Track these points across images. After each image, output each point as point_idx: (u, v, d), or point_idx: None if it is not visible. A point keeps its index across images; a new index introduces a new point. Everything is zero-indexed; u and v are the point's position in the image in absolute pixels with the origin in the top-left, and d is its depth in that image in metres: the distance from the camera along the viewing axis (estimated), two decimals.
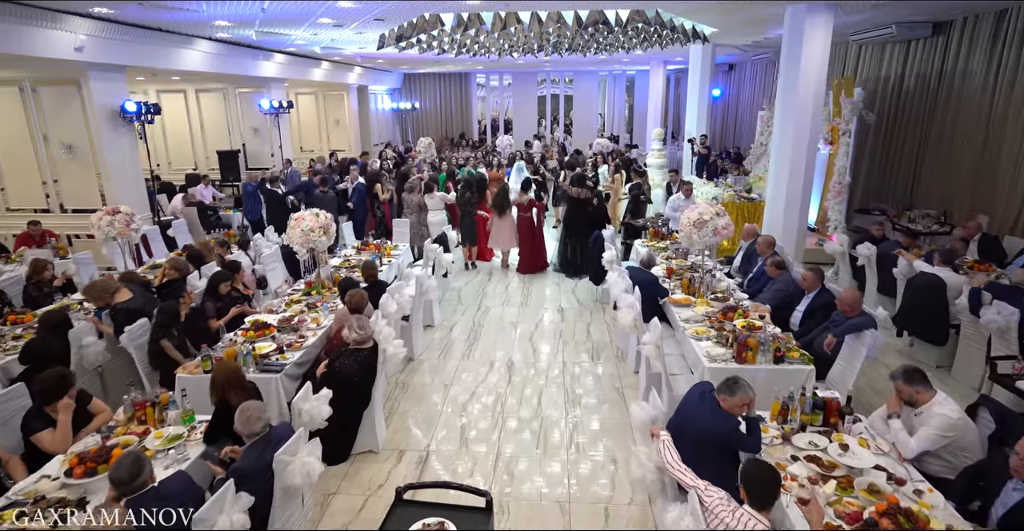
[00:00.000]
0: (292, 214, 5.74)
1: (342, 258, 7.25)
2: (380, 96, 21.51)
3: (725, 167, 14.48)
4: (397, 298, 5.32)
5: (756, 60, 16.21)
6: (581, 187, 8.69)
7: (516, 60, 16.05)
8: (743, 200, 9.42)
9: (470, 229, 9.06)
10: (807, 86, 7.36)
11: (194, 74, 10.84)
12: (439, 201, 9.18)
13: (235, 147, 13.58)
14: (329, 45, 11.32)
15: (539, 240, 8.96)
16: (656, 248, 7.43)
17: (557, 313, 7.33)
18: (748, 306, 5.35)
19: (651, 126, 18.20)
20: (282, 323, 4.95)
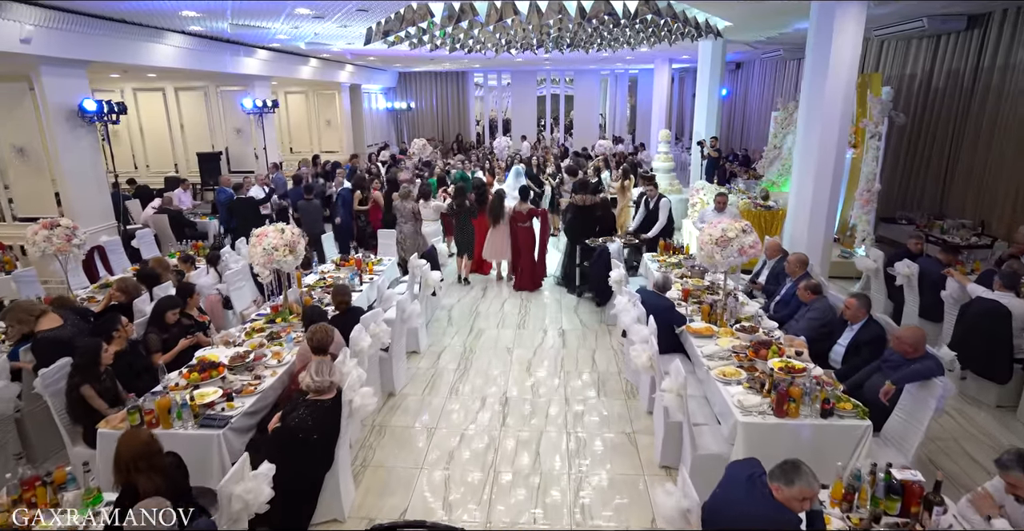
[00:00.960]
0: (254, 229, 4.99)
1: (318, 275, 6.50)
2: (374, 95, 20.77)
3: (734, 170, 13.74)
4: (373, 329, 4.58)
5: (766, 58, 15.48)
6: (585, 193, 7.96)
7: (515, 58, 15.33)
8: (759, 208, 8.68)
9: (467, 240, 8.31)
10: (835, 86, 6.62)
11: (168, 71, 10.09)
12: (433, 211, 8.43)
13: (217, 149, 12.83)
14: (314, 40, 10.58)
15: (541, 255, 8.21)
16: (667, 264, 6.68)
17: (558, 336, 6.59)
18: (781, 339, 4.61)
19: (655, 127, 17.47)
20: (235, 361, 4.20)
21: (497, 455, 4.38)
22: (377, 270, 6.74)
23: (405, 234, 8.46)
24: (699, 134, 12.04)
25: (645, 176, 8.96)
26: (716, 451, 3.70)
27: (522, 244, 8.09)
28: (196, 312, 5.01)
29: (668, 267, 6.58)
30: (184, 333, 4.65)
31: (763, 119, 16.37)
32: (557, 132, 25.49)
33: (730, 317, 5.02)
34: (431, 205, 8.32)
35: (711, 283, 5.94)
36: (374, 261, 7.03)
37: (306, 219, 8.32)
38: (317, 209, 8.35)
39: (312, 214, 8.27)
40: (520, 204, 8.06)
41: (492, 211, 8.07)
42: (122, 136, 13.04)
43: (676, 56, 16.09)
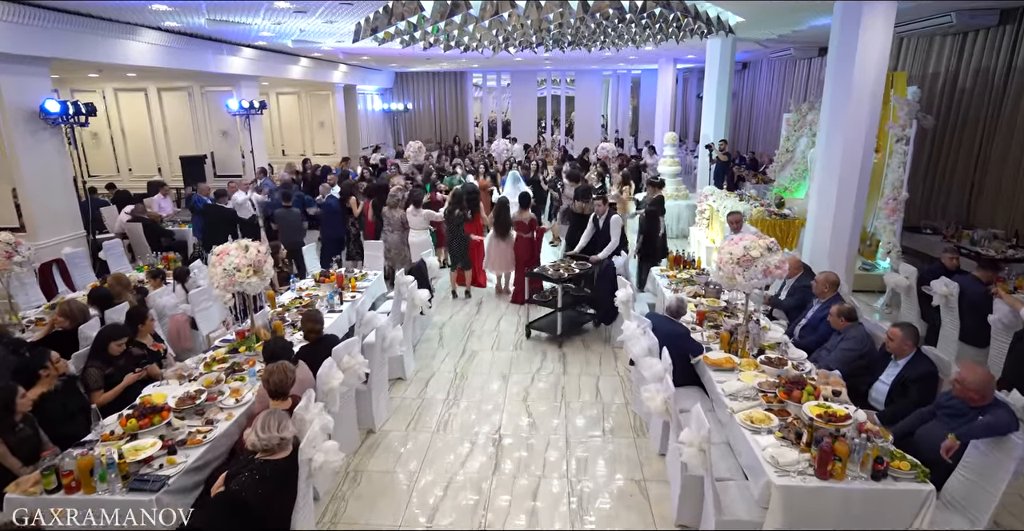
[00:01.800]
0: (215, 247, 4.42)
1: (295, 293, 5.93)
2: (370, 96, 20.23)
3: (741, 174, 13.18)
4: (347, 362, 4.00)
5: (774, 58, 14.92)
6: (587, 201, 7.39)
7: (514, 57, 14.77)
8: (774, 217, 8.11)
9: (462, 250, 7.74)
10: (862, 86, 6.05)
11: (144, 70, 9.53)
12: (423, 219, 7.85)
13: (202, 152, 12.27)
14: (301, 38, 10.03)
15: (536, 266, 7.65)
16: (678, 280, 6.10)
17: (558, 360, 6.01)
18: (812, 373, 4.03)
19: (659, 129, 16.91)
20: (183, 403, 3.62)
21: (488, 512, 3.79)
22: (361, 287, 6.16)
23: (390, 244, 7.90)
24: (707, 137, 11.46)
25: (653, 182, 8.38)
26: (745, 518, 3.12)
27: (521, 255, 7.52)
28: (150, 340, 4.44)
29: (680, 284, 6.00)
30: (132, 366, 4.08)
31: (771, 121, 15.82)
32: (558, 134, 24.93)
33: (752, 346, 4.44)
34: (422, 213, 7.74)
35: (728, 303, 5.36)
36: (358, 276, 6.45)
37: (284, 229, 7.74)
38: (296, 218, 7.76)
39: (291, 223, 7.70)
40: (521, 213, 7.49)
41: (499, 221, 7.50)
42: (103, 138, 12.51)
43: (681, 56, 15.53)
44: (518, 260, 7.53)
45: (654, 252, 7.74)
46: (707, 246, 9.02)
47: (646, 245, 7.76)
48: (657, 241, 7.76)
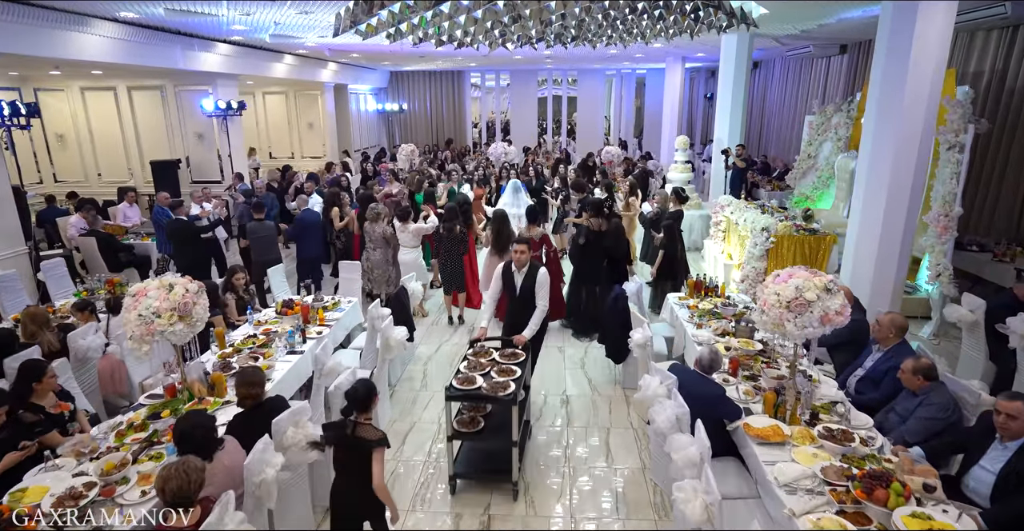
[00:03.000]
0: (134, 284, 3.54)
1: (252, 328, 5.04)
2: (363, 96, 19.34)
3: (755, 180, 12.30)
4: (292, 438, 3.12)
5: (790, 56, 14.03)
6: (598, 216, 6.51)
7: (513, 55, 13.90)
8: (802, 232, 7.22)
9: (457, 273, 6.86)
10: (918, 87, 5.17)
11: (104, 66, 8.65)
12: (413, 235, 6.95)
13: (176, 156, 11.39)
14: (279, 33, 9.15)
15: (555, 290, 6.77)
16: (701, 313, 5.21)
17: (560, 405, 5.13)
18: (886, 451, 3.16)
19: (666, 131, 16.05)
20: (63, 502, 2.73)
21: None
22: (331, 319, 5.27)
23: (373, 263, 7.02)
24: (720, 141, 10.58)
25: (679, 194, 7.47)
26: None
27: None
28: (53, 399, 3.56)
29: (703, 317, 5.11)
30: (21, 437, 3.20)
31: (785, 124, 14.94)
32: (559, 136, 24.04)
33: (804, 409, 3.56)
34: (411, 228, 6.85)
35: (764, 345, 4.48)
36: (329, 304, 5.57)
37: (256, 244, 6.87)
38: (270, 232, 6.86)
39: (264, 238, 6.82)
40: (529, 228, 6.60)
41: (498, 238, 6.63)
42: (69, 140, 11.63)
43: (690, 54, 14.65)
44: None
45: (674, 272, 6.87)
46: (724, 263, 8.14)
47: (665, 265, 6.87)
48: (677, 260, 6.89)
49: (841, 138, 9.16)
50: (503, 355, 4.26)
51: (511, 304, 4.75)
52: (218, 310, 5.05)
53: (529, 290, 4.60)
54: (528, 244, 4.72)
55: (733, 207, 8.59)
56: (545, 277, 4.59)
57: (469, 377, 3.90)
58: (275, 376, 4.22)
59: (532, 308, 4.56)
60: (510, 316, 4.79)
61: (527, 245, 4.69)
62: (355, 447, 2.89)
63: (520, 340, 4.37)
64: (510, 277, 4.71)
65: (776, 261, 7.22)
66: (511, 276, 4.70)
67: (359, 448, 2.87)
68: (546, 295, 4.56)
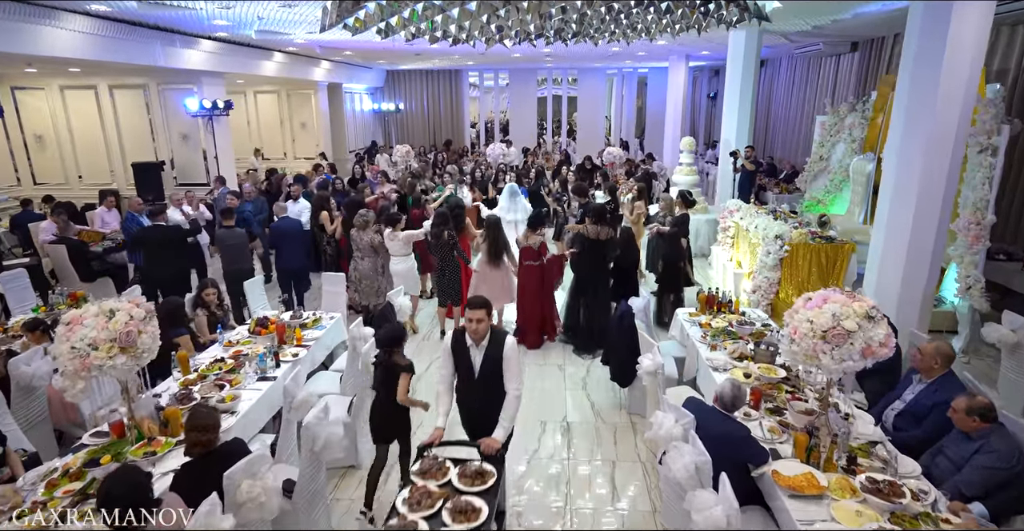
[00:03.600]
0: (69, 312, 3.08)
1: (222, 349, 4.59)
2: (358, 96, 18.89)
3: (762, 183, 11.87)
4: (246, 492, 2.66)
5: (798, 54, 13.57)
6: (602, 224, 6.07)
7: (511, 52, 13.45)
8: (818, 240, 6.76)
9: (454, 283, 6.41)
10: (952, 86, 4.71)
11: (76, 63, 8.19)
12: (404, 243, 6.47)
13: (160, 158, 10.93)
14: (265, 29, 8.70)
15: (548, 302, 6.33)
16: (714, 332, 4.76)
17: (560, 434, 4.68)
18: (941, 506, 2.71)
19: (670, 132, 15.57)
20: None
21: None
22: (310, 339, 4.82)
23: (361, 273, 6.57)
24: (727, 142, 10.13)
25: (686, 197, 7.03)
26: None
27: (526, 288, 6.21)
28: None
29: (717, 337, 4.66)
30: None
31: (792, 124, 14.50)
32: (559, 136, 23.58)
33: (840, 453, 3.11)
34: (400, 236, 6.38)
35: (788, 372, 4.02)
36: (309, 321, 5.11)
37: (225, 253, 6.40)
38: (240, 240, 6.38)
39: (233, 247, 6.34)
40: (529, 235, 6.15)
41: (491, 245, 6.19)
42: (48, 141, 11.17)
43: (695, 52, 14.20)
44: (524, 291, 6.22)
45: (676, 282, 6.42)
46: (734, 272, 7.69)
47: (667, 273, 6.43)
48: (680, 269, 6.45)
49: (855, 139, 8.71)
50: (464, 476, 2.85)
51: (467, 389, 3.44)
52: (184, 329, 4.60)
53: (493, 369, 3.31)
54: (487, 309, 3.38)
55: (743, 212, 8.13)
56: (513, 349, 3.34)
57: (408, 524, 2.52)
58: (242, 407, 3.77)
59: (497, 394, 3.31)
60: (468, 401, 3.51)
61: (486, 311, 3.35)
62: (390, 370, 3.59)
63: (491, 447, 3.09)
64: (464, 353, 3.35)
65: (791, 271, 6.77)
66: (464, 352, 3.35)
67: (393, 371, 3.58)
68: (518, 375, 3.32)
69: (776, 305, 6.88)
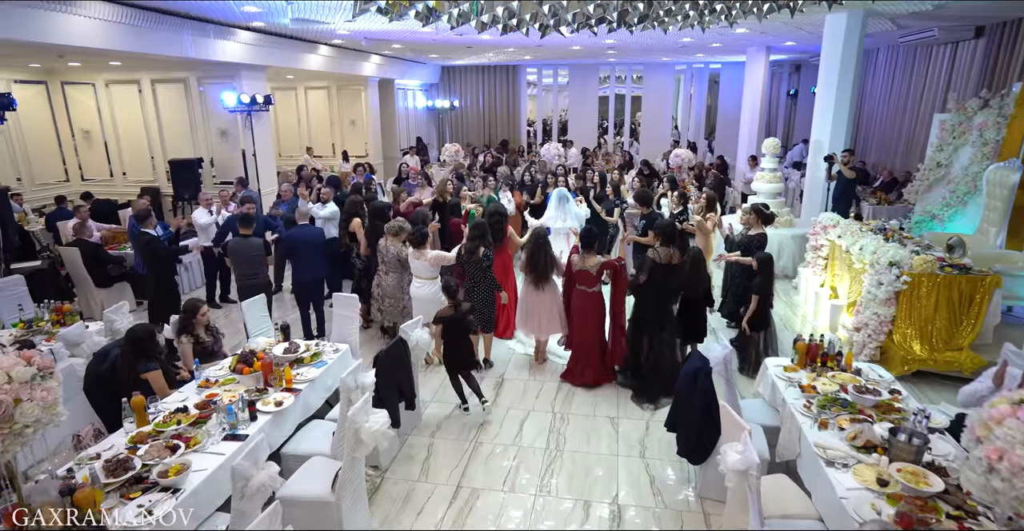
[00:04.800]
0: None
1: (196, 392, 3.77)
2: (411, 92, 18.23)
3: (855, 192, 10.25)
4: None
5: (902, 43, 11.78)
6: (670, 245, 4.94)
7: (571, 45, 12.36)
8: (950, 270, 5.34)
9: (481, 305, 5.42)
10: None
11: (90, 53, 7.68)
12: (431, 264, 5.50)
13: (199, 154, 10.50)
14: (300, 16, 7.99)
15: (616, 333, 5.25)
16: (822, 402, 3.55)
17: (609, 519, 3.60)
18: None
19: (745, 133, 14.07)
20: None
21: None
22: (303, 380, 3.93)
23: (384, 289, 5.70)
24: (820, 145, 8.66)
25: (760, 211, 5.78)
26: None
27: (581, 318, 5.17)
28: None
29: (826, 408, 3.45)
30: None
31: (891, 125, 12.68)
32: (621, 136, 22.23)
33: None
34: (428, 255, 5.42)
35: (941, 473, 2.79)
36: (308, 355, 4.24)
37: (237, 266, 5.65)
38: (255, 251, 5.58)
39: (247, 259, 5.57)
40: (586, 256, 5.07)
41: (534, 265, 5.21)
42: (95, 137, 10.97)
43: (778, 43, 12.66)
44: (578, 323, 5.17)
45: (764, 320, 5.19)
46: (832, 303, 6.34)
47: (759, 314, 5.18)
48: (770, 304, 5.21)
49: (988, 142, 7.14)
50: None
51: None
52: (155, 364, 3.82)
53: None
54: None
55: (841, 229, 6.76)
56: None
57: None
58: (191, 481, 2.91)
59: None
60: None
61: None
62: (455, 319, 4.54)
63: None
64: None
65: (909, 307, 5.41)
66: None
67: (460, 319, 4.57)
68: None
69: (887, 349, 5.53)
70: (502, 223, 6.13)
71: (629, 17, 5.37)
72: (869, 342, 5.63)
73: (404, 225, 5.73)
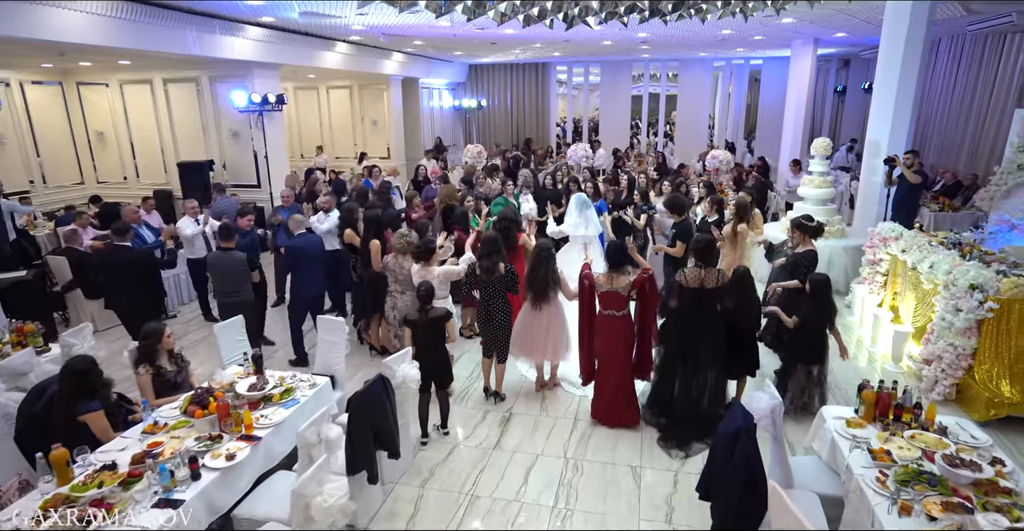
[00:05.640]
0: None
1: (141, 435, 3.23)
2: (437, 92, 17.72)
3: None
4: None
5: (972, 32, 10.66)
6: (708, 262, 4.21)
7: (602, 40, 11.63)
8: None
9: (500, 329, 4.74)
10: None
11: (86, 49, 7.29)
12: (441, 281, 4.85)
13: (210, 156, 10.15)
14: (309, 11, 7.51)
15: (645, 360, 4.51)
16: (902, 474, 2.79)
17: None
18: None
19: (789, 133, 13.09)
20: None
21: None
22: (264, 425, 3.34)
23: (401, 311, 5.10)
24: (875, 146, 7.73)
25: (809, 226, 4.96)
26: None
27: (610, 347, 4.43)
28: None
29: (908, 481, 2.69)
30: None
31: (954, 123, 11.53)
32: (655, 137, 21.29)
33: None
34: (436, 271, 4.79)
35: None
36: (277, 393, 3.66)
37: (217, 281, 5.13)
38: (236, 265, 5.01)
39: (227, 274, 5.02)
40: (614, 276, 4.32)
41: (534, 281, 4.57)
42: (108, 139, 10.75)
43: (826, 34, 11.67)
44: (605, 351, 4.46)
45: (817, 355, 4.40)
46: (896, 329, 5.48)
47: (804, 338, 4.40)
48: (823, 335, 4.41)
49: None
50: None
51: None
52: (96, 404, 3.29)
53: None
54: None
55: (905, 242, 5.89)
56: None
57: None
58: None
59: None
60: None
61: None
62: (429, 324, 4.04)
63: None
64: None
65: (994, 339, 4.56)
66: None
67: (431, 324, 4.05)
68: None
69: (966, 388, 4.68)
70: (513, 230, 5.47)
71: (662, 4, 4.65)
72: (943, 378, 4.78)
73: (413, 238, 5.14)
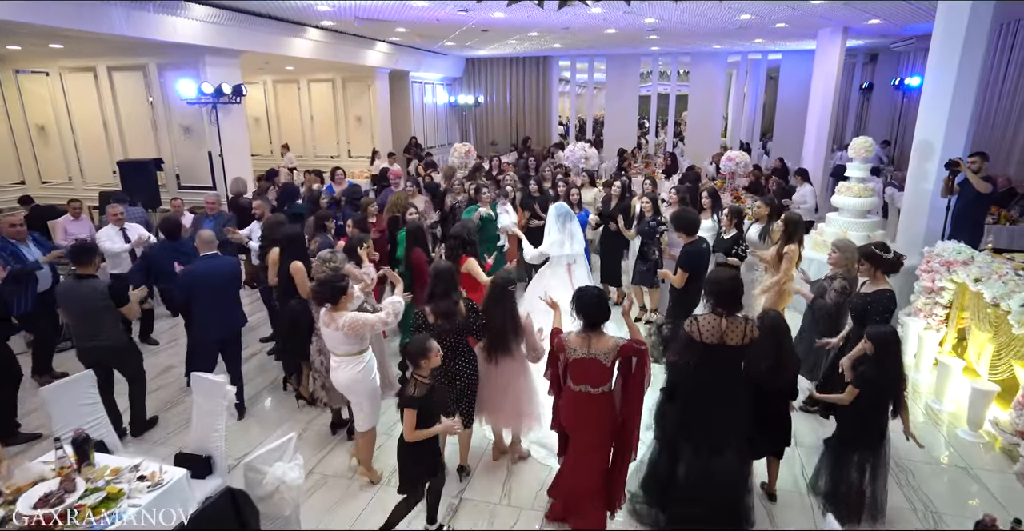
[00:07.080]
0: None
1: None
2: (431, 87, 16.54)
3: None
4: None
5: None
6: (730, 311, 2.99)
7: (605, 28, 10.41)
8: None
9: (463, 390, 3.51)
10: None
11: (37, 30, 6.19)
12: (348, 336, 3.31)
13: (161, 154, 9.01)
14: None
15: (622, 456, 3.19)
16: None
17: None
18: None
19: (813, 133, 11.79)
20: None
21: None
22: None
23: (327, 354, 3.92)
24: (926, 147, 6.46)
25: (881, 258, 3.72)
26: None
27: (581, 435, 3.13)
28: None
29: None
30: None
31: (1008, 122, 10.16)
32: (664, 136, 20.01)
33: None
34: (344, 319, 3.21)
35: None
36: (97, 500, 2.47)
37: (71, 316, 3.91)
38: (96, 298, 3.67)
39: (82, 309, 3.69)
40: (592, 337, 2.99)
41: (493, 326, 3.37)
42: (50, 134, 9.64)
43: (858, 22, 10.37)
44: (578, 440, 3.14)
45: (866, 435, 3.17)
46: (974, 387, 4.22)
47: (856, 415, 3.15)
48: (882, 410, 3.17)
49: None
50: None
51: None
52: None
53: None
54: None
55: (979, 269, 4.63)
56: None
57: None
58: None
59: None
60: None
61: None
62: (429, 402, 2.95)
63: None
64: None
65: None
66: None
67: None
68: None
69: None
70: (459, 251, 4.26)
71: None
72: None
73: (337, 264, 3.96)
